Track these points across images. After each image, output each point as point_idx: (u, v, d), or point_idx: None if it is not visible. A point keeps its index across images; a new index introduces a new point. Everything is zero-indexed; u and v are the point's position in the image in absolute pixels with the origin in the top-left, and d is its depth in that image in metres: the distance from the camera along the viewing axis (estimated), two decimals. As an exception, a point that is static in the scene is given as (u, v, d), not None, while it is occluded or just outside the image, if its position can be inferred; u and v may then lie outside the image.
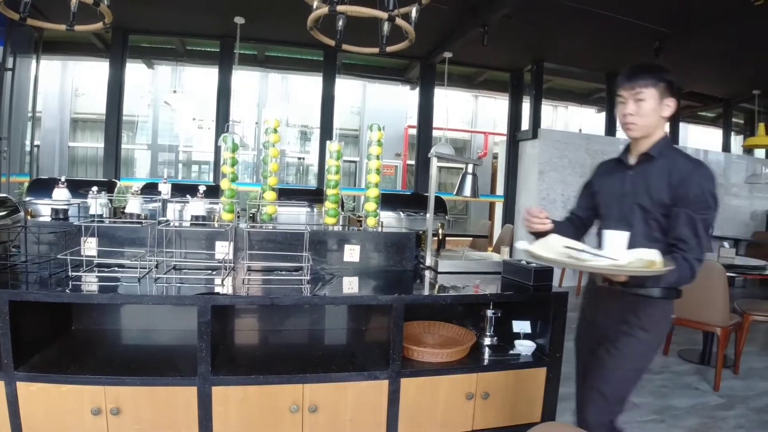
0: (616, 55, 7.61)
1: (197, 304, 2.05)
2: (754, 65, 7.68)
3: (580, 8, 5.65)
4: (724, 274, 3.79)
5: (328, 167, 2.89)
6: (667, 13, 5.90)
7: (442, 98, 8.04)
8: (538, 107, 7.90)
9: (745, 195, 9.74)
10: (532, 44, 7.34)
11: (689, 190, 1.87)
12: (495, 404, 2.48)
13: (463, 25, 6.27)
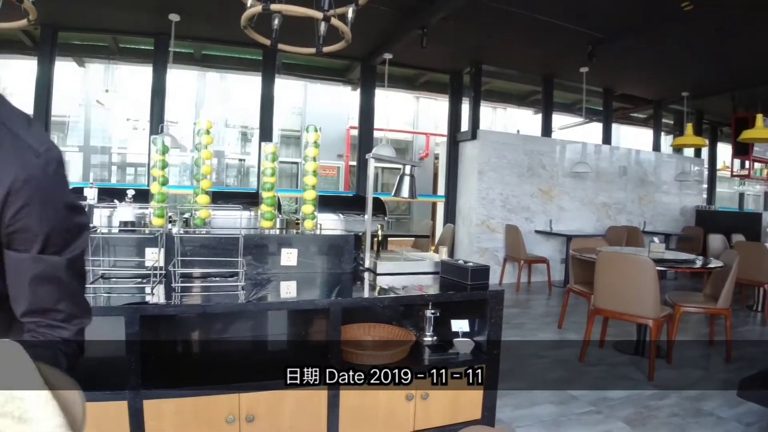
0: (552, 59, 7.85)
1: (125, 314, 1.95)
2: (683, 68, 8.07)
3: (517, 12, 5.78)
4: (653, 269, 3.94)
5: (264, 169, 2.82)
6: (600, 18, 6.11)
7: (384, 99, 8.05)
8: (476, 109, 8.03)
9: (675, 192, 10.22)
10: (470, 47, 7.45)
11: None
12: (435, 404, 2.48)
13: (403, 27, 6.30)
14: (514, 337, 5.07)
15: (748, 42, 6.60)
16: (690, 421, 3.25)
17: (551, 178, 8.43)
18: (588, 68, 7.75)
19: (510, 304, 6.54)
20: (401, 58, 7.56)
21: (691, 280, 8.51)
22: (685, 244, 9.06)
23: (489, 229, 7.80)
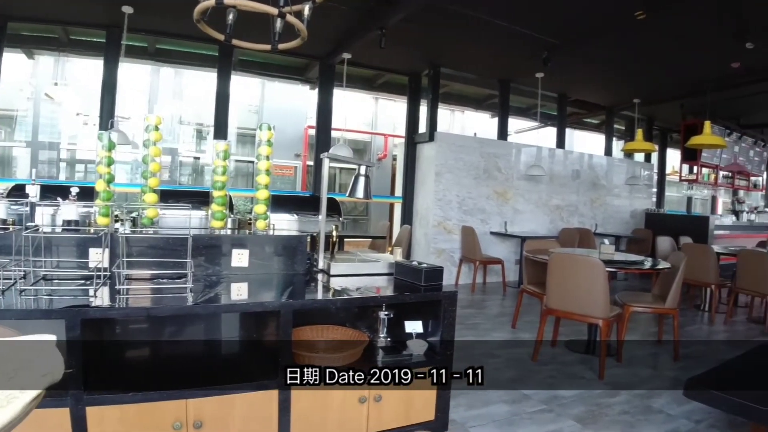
0: (509, 63, 7.96)
1: (65, 317, 1.86)
2: (635, 76, 8.31)
3: (475, 17, 5.83)
4: (603, 270, 4.01)
5: (215, 168, 2.74)
6: (555, 24, 6.22)
7: (342, 99, 8.01)
8: (434, 111, 8.06)
9: (625, 195, 10.51)
10: (429, 49, 7.49)
11: None
12: (389, 406, 2.46)
13: (362, 27, 6.28)
14: (469, 337, 5.10)
15: (697, 51, 6.83)
16: (640, 418, 3.32)
17: (506, 181, 8.54)
18: (543, 74, 7.89)
19: (465, 305, 6.60)
20: (360, 58, 7.54)
21: (640, 281, 8.75)
22: (634, 246, 9.33)
23: (445, 230, 7.85)
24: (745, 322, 6.51)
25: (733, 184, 12.02)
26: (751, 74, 7.54)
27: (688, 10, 5.56)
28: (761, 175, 12.81)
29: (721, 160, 10.79)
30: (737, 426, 3.14)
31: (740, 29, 5.85)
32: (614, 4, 5.58)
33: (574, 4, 5.64)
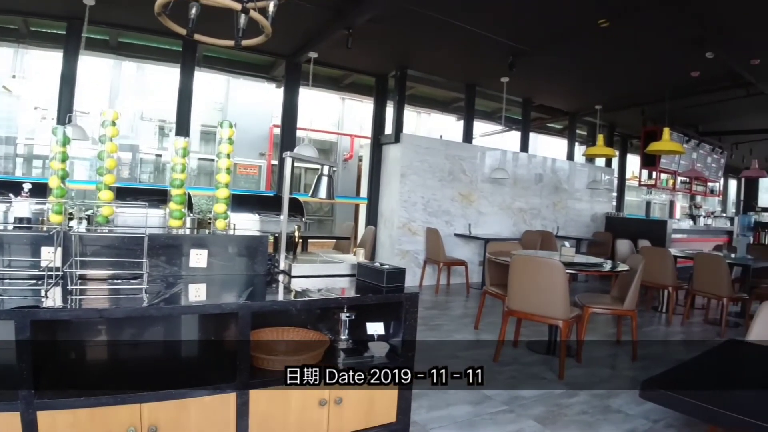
0: (475, 67, 8.02)
1: (14, 318, 1.78)
2: (597, 82, 8.49)
3: (443, 20, 5.85)
4: (563, 272, 4.08)
5: (173, 165, 2.67)
6: (521, 30, 6.30)
7: (308, 99, 7.95)
8: (400, 112, 8.08)
9: (586, 199, 10.72)
10: (396, 51, 7.49)
11: None
12: (349, 408, 2.44)
13: (329, 26, 6.24)
14: (432, 338, 5.11)
15: (658, 59, 7.00)
16: (599, 418, 3.38)
17: (471, 183, 8.61)
18: (508, 78, 7.99)
19: (429, 306, 6.62)
20: (327, 58, 7.50)
21: (600, 283, 8.93)
22: (595, 249, 9.52)
23: (410, 232, 7.87)
24: (702, 324, 6.70)
25: (690, 189, 12.39)
26: (710, 83, 7.77)
27: (650, 19, 5.69)
28: (718, 181, 13.22)
29: (680, 166, 11.09)
30: (694, 425, 3.22)
31: (700, 38, 6.02)
32: (578, 12, 5.68)
33: (539, 10, 5.71)
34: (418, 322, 5.59)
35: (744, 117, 10.10)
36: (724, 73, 7.26)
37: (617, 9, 5.47)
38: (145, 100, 12.60)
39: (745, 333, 2.59)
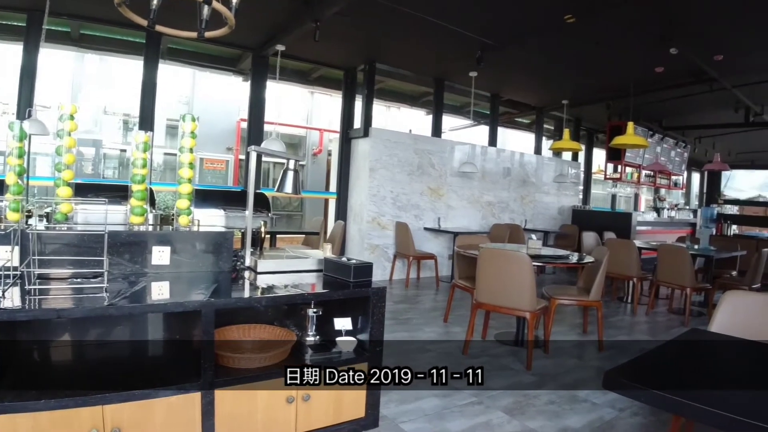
0: (443, 62, 8.03)
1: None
2: (564, 77, 8.58)
3: (411, 14, 5.82)
4: (530, 264, 4.11)
5: (134, 160, 2.61)
6: (489, 25, 6.31)
7: (276, 92, 7.85)
8: (369, 106, 8.04)
9: (554, 193, 10.86)
10: (365, 44, 7.44)
11: None
12: (317, 405, 2.43)
13: (296, 19, 6.15)
14: (402, 332, 5.12)
15: (624, 55, 7.10)
16: (566, 408, 3.42)
17: (440, 177, 8.63)
18: (477, 73, 8.01)
19: (399, 300, 6.63)
20: (294, 51, 7.41)
21: (567, 275, 9.06)
22: (562, 241, 9.65)
23: (379, 226, 7.86)
24: (666, 313, 6.85)
25: (655, 182, 12.64)
26: (674, 78, 7.91)
27: (616, 16, 5.75)
28: (681, 175, 13.51)
29: (644, 159, 11.30)
30: (659, 413, 3.28)
31: (665, 35, 6.12)
32: (545, 8, 5.71)
33: (507, 5, 5.73)
34: (388, 316, 5.57)
35: (707, 112, 10.31)
36: (688, 68, 7.39)
37: (583, 5, 5.52)
38: (108, 93, 12.28)
39: (708, 322, 2.65)
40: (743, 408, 1.46)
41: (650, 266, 7.25)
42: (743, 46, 6.60)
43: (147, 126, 6.82)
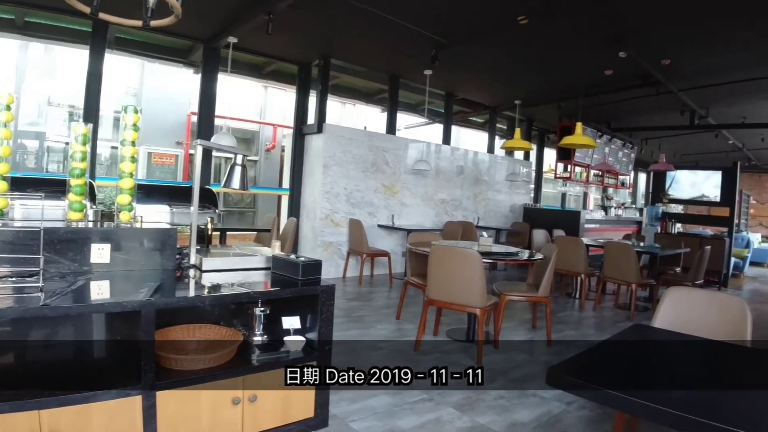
0: (398, 59, 8.02)
1: None
2: (516, 77, 8.71)
3: (366, 9, 5.78)
4: (479, 261, 4.15)
5: (72, 153, 2.49)
6: (443, 23, 6.34)
7: (228, 86, 7.69)
8: (323, 102, 7.97)
9: (506, 191, 11.04)
10: (319, 39, 7.36)
11: None
12: (265, 406, 2.38)
13: (248, 10, 6.03)
14: (354, 330, 5.09)
15: (574, 57, 7.26)
16: (515, 402, 3.47)
17: (394, 175, 8.64)
18: (431, 71, 8.04)
19: (352, 297, 6.61)
20: (247, 44, 7.26)
21: (519, 271, 9.21)
22: (513, 239, 9.83)
23: (333, 223, 7.81)
24: (612, 309, 7.06)
25: (603, 182, 12.99)
26: (622, 81, 8.12)
27: (567, 18, 5.86)
28: (628, 175, 13.93)
29: (593, 159, 11.58)
30: (605, 407, 3.36)
31: (615, 38, 6.27)
32: (499, 8, 5.77)
33: (461, 4, 5.77)
34: (341, 314, 5.57)
35: (654, 114, 10.64)
36: (636, 72, 7.59)
37: (536, 7, 5.61)
38: (53, 84, 11.79)
39: (652, 316, 2.72)
40: (682, 403, 1.49)
41: (598, 263, 7.45)
42: (689, 51, 6.86)
43: (92, 118, 6.57)
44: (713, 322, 2.58)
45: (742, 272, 11.68)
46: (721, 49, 6.71)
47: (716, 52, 6.86)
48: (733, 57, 6.96)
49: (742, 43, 6.43)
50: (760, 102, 9.15)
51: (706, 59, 7.15)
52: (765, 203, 18.95)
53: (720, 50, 6.77)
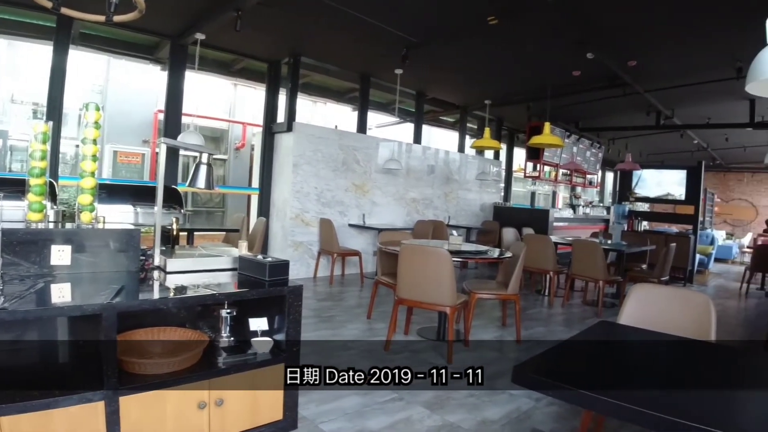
0: (369, 58, 8.00)
1: None
2: (486, 77, 8.78)
3: (337, 8, 5.74)
4: (449, 260, 4.18)
5: (31, 152, 2.42)
6: (414, 23, 6.34)
7: (196, 83, 7.57)
8: (293, 100, 7.90)
9: (476, 190, 11.12)
10: (289, 37, 7.29)
11: None
12: (232, 409, 2.35)
13: (216, 6, 5.94)
14: (324, 330, 5.06)
15: (543, 58, 7.34)
16: (485, 400, 3.49)
17: (365, 174, 8.63)
18: (402, 71, 8.04)
19: (322, 298, 6.58)
20: (215, 41, 7.15)
21: (490, 269, 9.28)
22: (483, 237, 9.92)
23: (303, 223, 7.75)
24: (581, 305, 7.19)
25: (571, 181, 13.19)
26: (590, 82, 8.24)
27: (537, 20, 5.92)
28: (596, 174, 14.18)
29: (561, 159, 11.74)
30: (575, 402, 3.41)
31: (582, 40, 6.36)
32: (469, 8, 5.79)
33: (432, 4, 5.78)
34: (311, 314, 5.55)
35: (620, 115, 10.84)
36: (603, 73, 7.71)
37: (506, 8, 5.65)
38: (17, 81, 11.47)
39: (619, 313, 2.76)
40: (646, 400, 1.51)
41: (566, 260, 7.55)
42: (655, 53, 6.99)
43: (55, 115, 6.39)
44: (677, 318, 2.63)
45: (707, 268, 12.01)
46: (686, 51, 6.86)
47: (681, 54, 7.01)
48: (698, 59, 7.13)
49: (706, 46, 6.60)
50: (724, 103, 9.37)
51: (671, 61, 7.30)
52: (729, 201, 19.50)
53: (685, 52, 6.92)
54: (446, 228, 8.80)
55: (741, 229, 18.74)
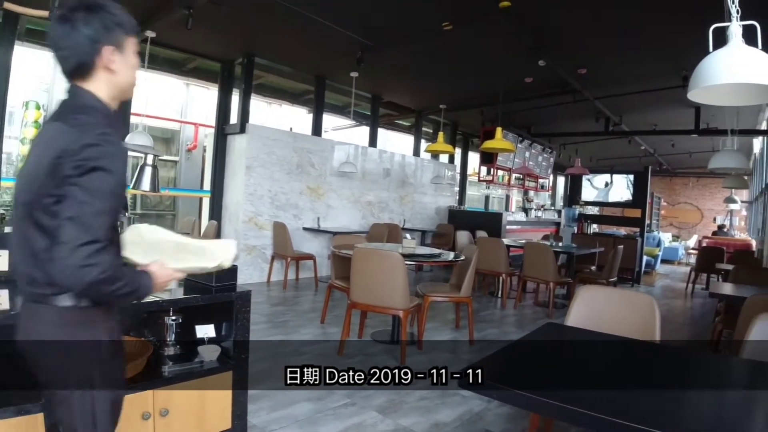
0: (325, 60, 7.95)
1: None
2: (441, 82, 8.86)
3: (291, 8, 5.68)
4: (402, 263, 4.19)
5: (-39, 152, 2.30)
6: (369, 26, 6.34)
7: (146, 82, 7.35)
8: (247, 101, 7.78)
9: (431, 193, 11.22)
10: (243, 36, 7.17)
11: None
12: (178, 419, 2.28)
13: (166, 4, 5.79)
14: (277, 335, 5.00)
15: (496, 64, 7.45)
16: (437, 402, 3.51)
17: (320, 177, 8.57)
18: (358, 73, 8.02)
19: (276, 302, 6.49)
20: (166, 39, 6.96)
21: (445, 272, 9.35)
22: (438, 240, 9.99)
23: (256, 226, 7.64)
24: (532, 306, 7.35)
25: (524, 185, 13.43)
26: (541, 88, 8.43)
27: (490, 27, 5.99)
28: (548, 178, 14.47)
29: (514, 163, 11.94)
30: (525, 403, 3.46)
31: (535, 47, 6.48)
32: (424, 14, 5.83)
33: (387, 7, 5.79)
34: (264, 319, 5.46)
35: (571, 121, 11.09)
36: (554, 80, 7.87)
37: (460, 14, 5.70)
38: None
39: (569, 313, 2.81)
40: (590, 402, 1.53)
41: (518, 263, 7.68)
42: (605, 61, 7.22)
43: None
44: (624, 319, 2.69)
45: (654, 269, 12.42)
46: (635, 59, 7.08)
47: (629, 63, 7.24)
48: (646, 67, 7.36)
49: (653, 55, 6.81)
50: (670, 110, 9.72)
51: (619, 69, 7.54)
52: (675, 205, 20.27)
53: (632, 61, 7.15)
54: (401, 231, 8.83)
55: (687, 231, 19.50)
